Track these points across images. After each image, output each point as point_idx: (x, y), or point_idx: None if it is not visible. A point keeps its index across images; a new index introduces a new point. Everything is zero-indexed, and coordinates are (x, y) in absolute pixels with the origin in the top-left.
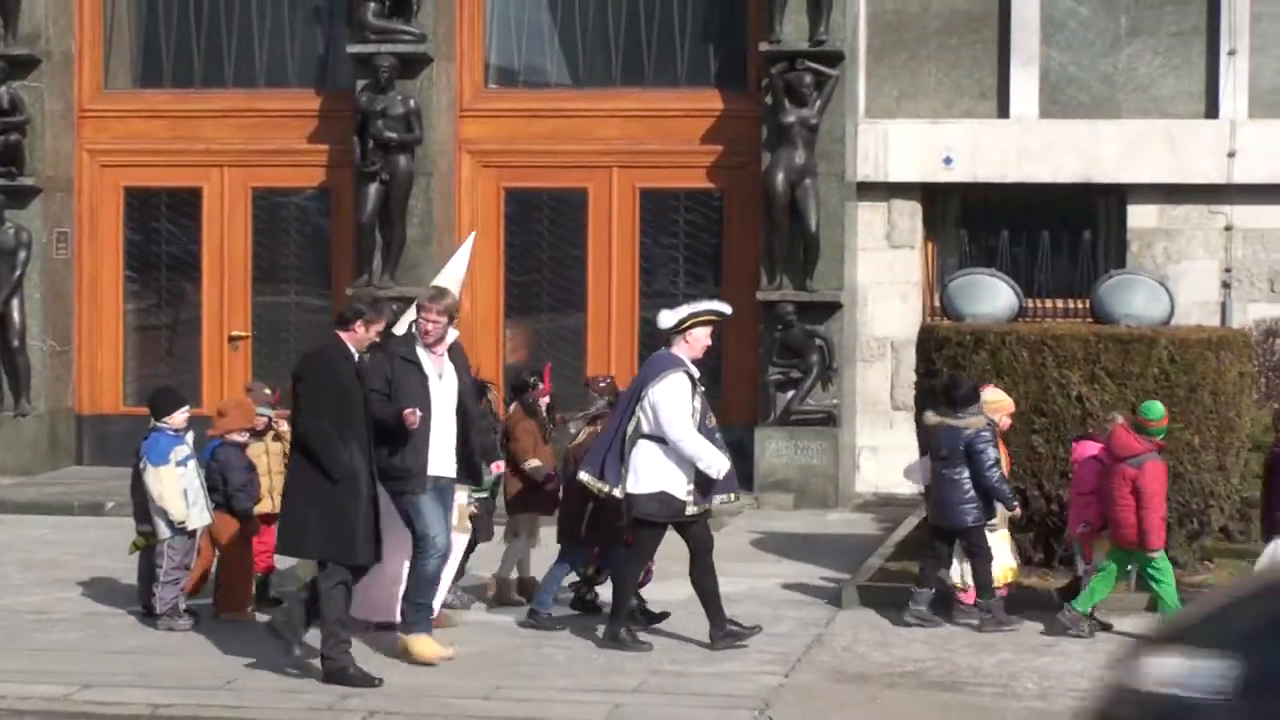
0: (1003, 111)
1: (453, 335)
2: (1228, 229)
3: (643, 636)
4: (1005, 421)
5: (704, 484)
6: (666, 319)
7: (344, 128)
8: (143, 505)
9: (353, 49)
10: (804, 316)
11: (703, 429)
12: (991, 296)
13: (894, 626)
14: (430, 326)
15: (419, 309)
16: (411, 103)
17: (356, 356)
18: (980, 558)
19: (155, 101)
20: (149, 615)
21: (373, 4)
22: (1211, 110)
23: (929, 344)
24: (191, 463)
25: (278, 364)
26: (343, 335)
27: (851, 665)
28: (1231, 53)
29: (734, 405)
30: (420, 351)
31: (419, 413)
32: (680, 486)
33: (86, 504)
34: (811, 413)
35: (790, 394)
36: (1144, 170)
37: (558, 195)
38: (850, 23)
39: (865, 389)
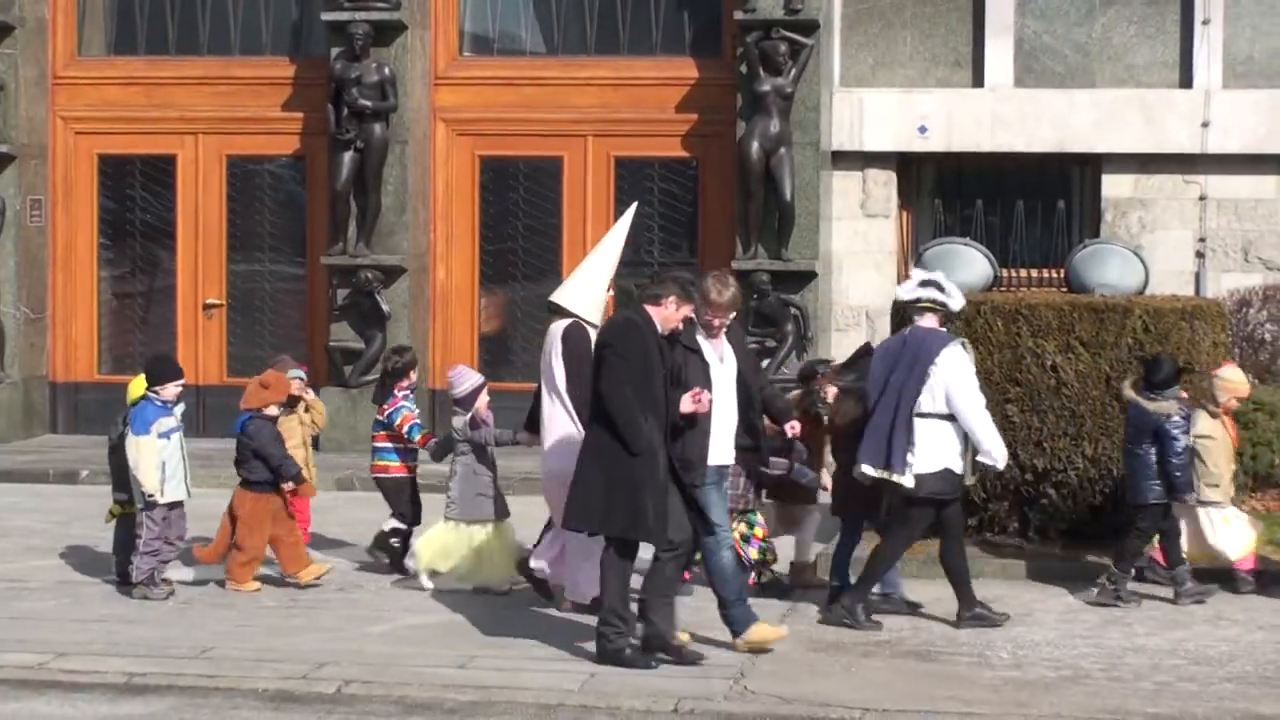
0: (978, 81)
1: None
2: (1202, 199)
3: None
4: (1232, 403)
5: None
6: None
7: (318, 95)
8: (121, 473)
9: (327, 16)
10: (779, 285)
11: None
12: (966, 266)
13: (869, 597)
14: (716, 323)
15: (704, 303)
16: (386, 70)
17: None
18: (1168, 535)
19: (129, 68)
20: (124, 584)
21: None
22: (1186, 80)
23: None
24: (176, 436)
25: (252, 332)
26: (651, 310)
27: (827, 635)
28: (1205, 22)
29: None
30: (700, 337)
31: (707, 394)
32: (959, 462)
33: (61, 472)
34: (787, 381)
35: (766, 362)
36: (1119, 140)
37: (533, 164)
38: None
39: (840, 358)
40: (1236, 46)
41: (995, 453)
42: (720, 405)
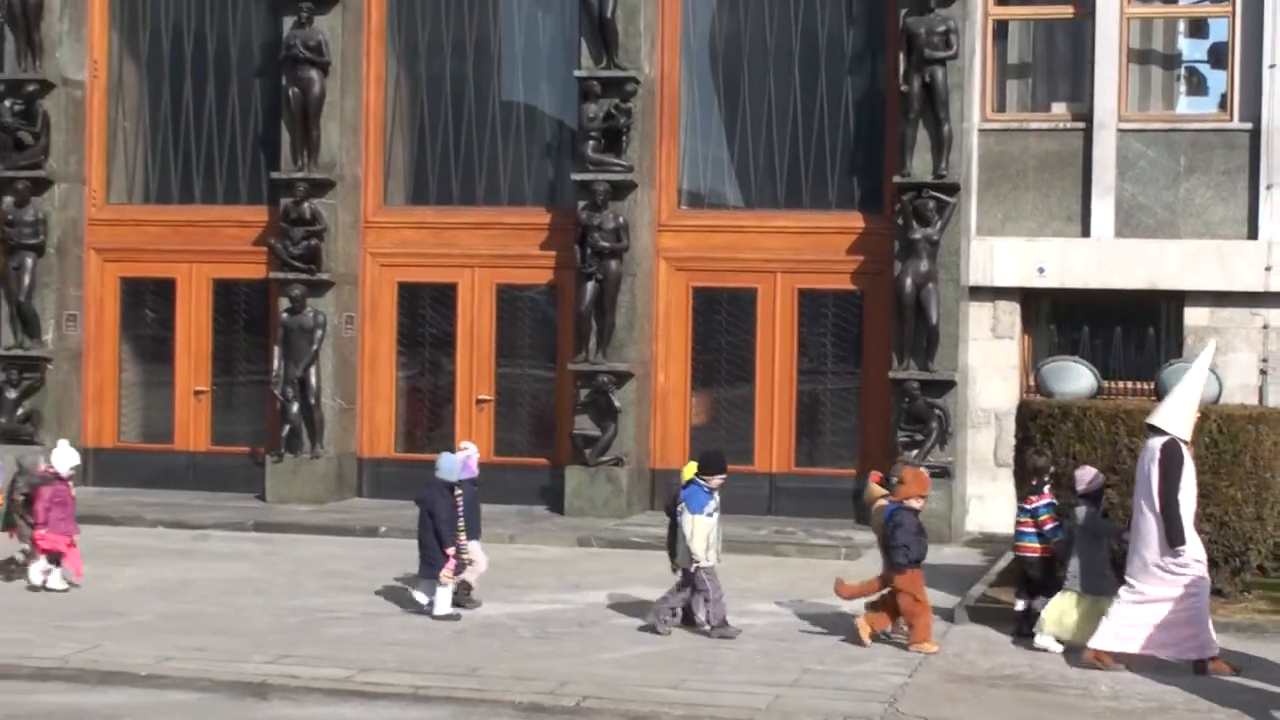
0: (1085, 232)
1: None
2: (1265, 328)
3: None
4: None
5: None
6: None
7: (568, 238)
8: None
9: (576, 177)
10: (926, 391)
11: None
12: (1075, 378)
13: (995, 639)
14: None
15: None
16: (620, 219)
17: None
18: None
19: (422, 215)
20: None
21: (591, 142)
22: (1252, 233)
23: (1025, 415)
24: (716, 515)
25: (514, 421)
26: None
27: (961, 669)
28: (1269, 187)
29: (871, 460)
30: None
31: None
32: None
33: (365, 527)
34: (931, 467)
35: (914, 452)
36: (1198, 280)
37: (734, 293)
38: (965, 160)
39: (974, 449)
40: None
41: None
42: None
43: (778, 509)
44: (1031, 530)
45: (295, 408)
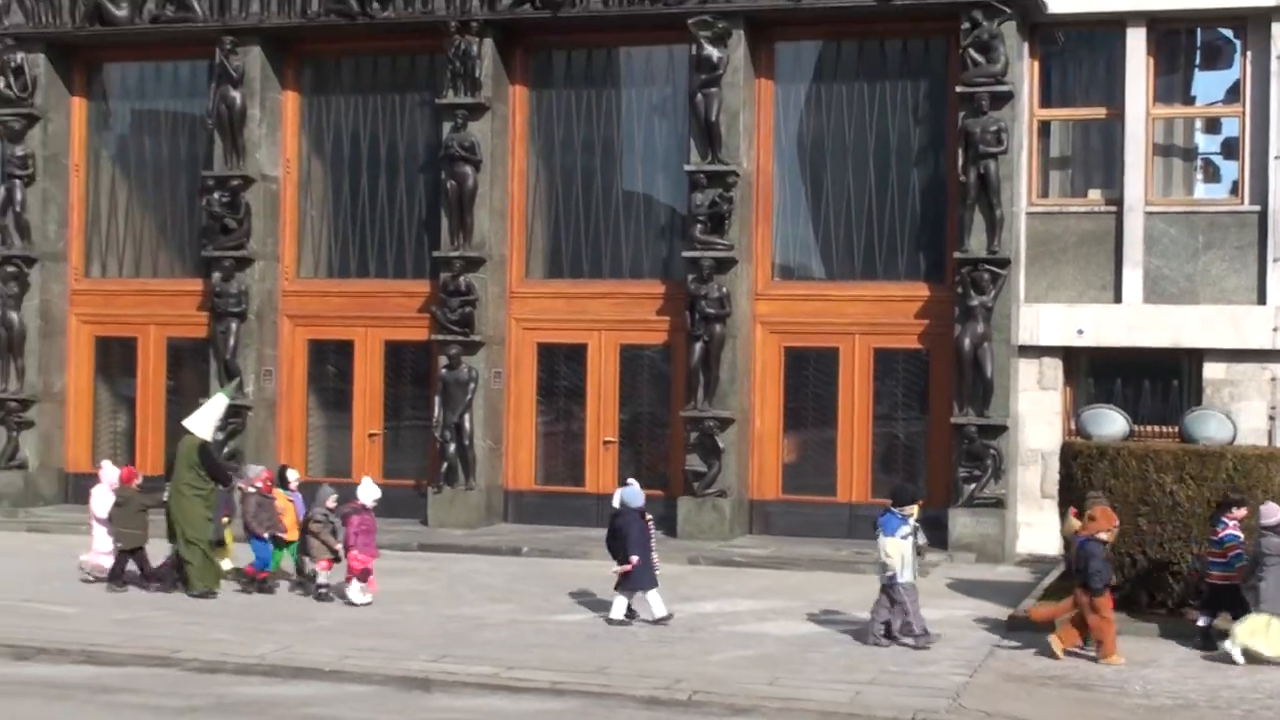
0: (1118, 299)
1: None
2: (1273, 380)
3: None
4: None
5: None
6: None
7: (680, 306)
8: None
9: (686, 254)
10: (982, 434)
11: None
12: (1110, 423)
13: (1046, 644)
14: None
15: None
16: (724, 289)
17: None
18: None
19: (558, 287)
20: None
21: (699, 224)
22: (1261, 299)
23: (1067, 454)
24: (910, 538)
25: (634, 458)
26: None
27: (1015, 670)
28: (1275, 260)
29: (935, 494)
30: None
31: None
32: None
33: (510, 548)
34: (987, 499)
35: (973, 486)
36: (1215, 339)
37: (819, 352)
38: (1015, 238)
39: (1023, 483)
40: None
41: None
42: None
43: (856, 533)
44: (1220, 560)
45: (452, 448)
